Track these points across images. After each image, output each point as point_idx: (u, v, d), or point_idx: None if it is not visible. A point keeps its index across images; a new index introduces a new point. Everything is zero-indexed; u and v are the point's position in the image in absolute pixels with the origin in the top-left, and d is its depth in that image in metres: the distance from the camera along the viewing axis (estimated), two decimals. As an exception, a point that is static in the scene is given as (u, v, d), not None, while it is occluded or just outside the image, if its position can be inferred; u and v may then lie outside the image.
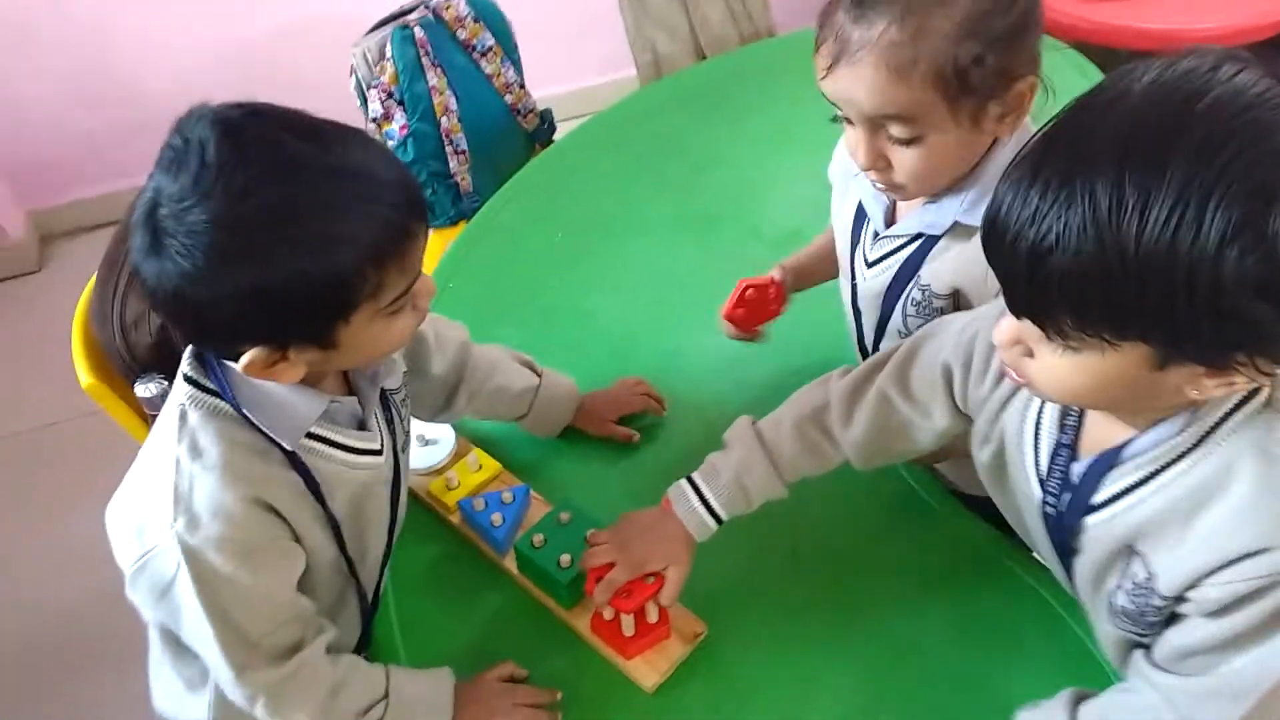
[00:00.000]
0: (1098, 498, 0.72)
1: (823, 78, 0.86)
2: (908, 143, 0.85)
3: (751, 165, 1.61)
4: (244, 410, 0.77)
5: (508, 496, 1.05)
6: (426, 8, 1.91)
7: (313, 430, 0.81)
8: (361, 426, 0.86)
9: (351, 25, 1.98)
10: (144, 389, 1.28)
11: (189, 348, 0.79)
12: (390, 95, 1.88)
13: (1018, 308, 0.64)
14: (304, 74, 2.66)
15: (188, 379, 0.79)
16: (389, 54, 1.86)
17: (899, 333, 1.00)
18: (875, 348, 1.07)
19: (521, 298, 1.41)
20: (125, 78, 2.60)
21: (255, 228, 0.67)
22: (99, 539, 0.83)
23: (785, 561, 1.02)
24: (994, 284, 0.68)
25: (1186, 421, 0.67)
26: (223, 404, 0.78)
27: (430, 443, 1.14)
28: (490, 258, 1.48)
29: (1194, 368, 0.60)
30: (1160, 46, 2.15)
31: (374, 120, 1.91)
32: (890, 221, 0.98)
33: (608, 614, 0.93)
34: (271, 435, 0.78)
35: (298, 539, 0.81)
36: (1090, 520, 0.73)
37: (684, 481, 0.94)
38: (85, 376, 1.29)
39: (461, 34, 1.94)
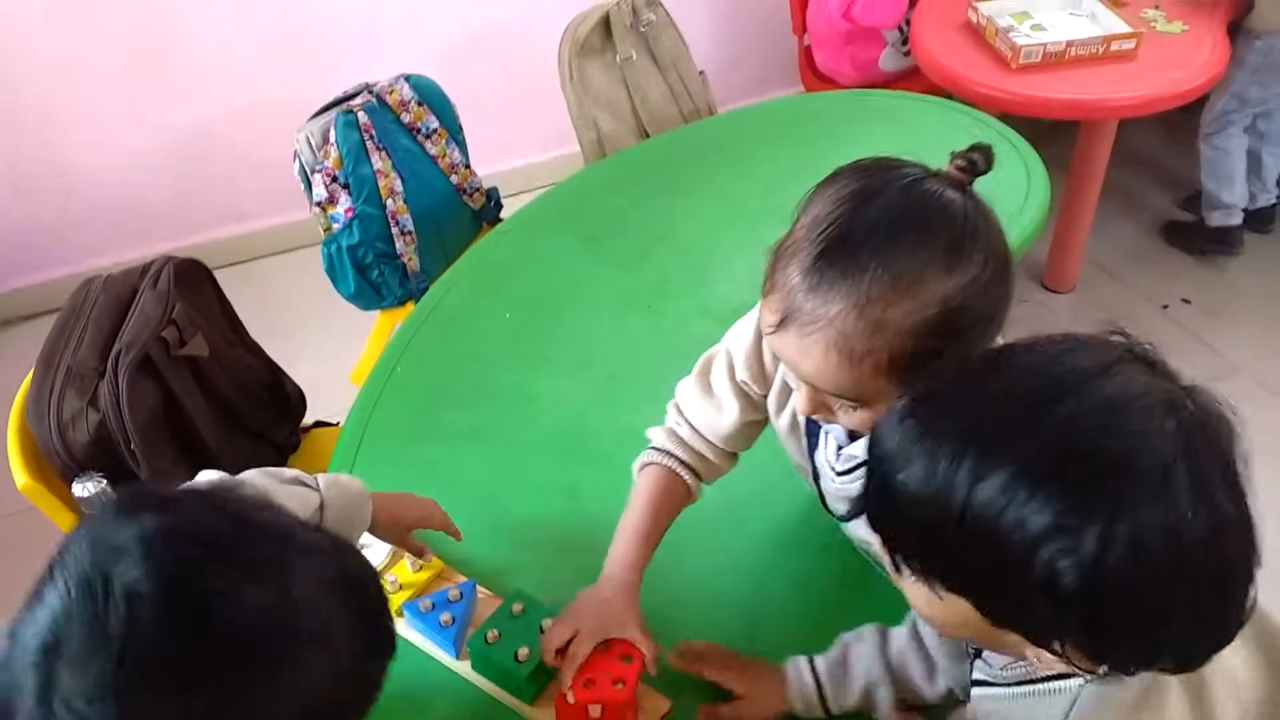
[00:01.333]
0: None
1: (768, 331, 0.78)
2: (853, 408, 0.79)
3: (697, 241, 1.64)
4: None
5: (454, 594, 1.01)
6: (370, 93, 1.93)
7: None
8: None
9: (297, 109, 1.99)
10: (82, 488, 1.24)
11: None
12: (335, 179, 1.88)
13: (871, 521, 0.66)
14: (250, 158, 2.68)
15: None
16: (333, 138, 1.86)
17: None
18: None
19: (470, 379, 1.40)
20: (65, 162, 2.58)
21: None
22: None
23: (742, 633, 1.02)
24: None
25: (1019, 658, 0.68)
26: None
27: (363, 546, 1.07)
28: (438, 339, 1.47)
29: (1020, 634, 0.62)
30: (1083, 115, 2.26)
31: (319, 204, 1.91)
32: (854, 434, 0.91)
33: (571, 698, 0.91)
34: None
35: None
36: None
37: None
38: (21, 476, 1.26)
39: (406, 117, 1.96)
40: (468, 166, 2.07)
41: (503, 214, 2.13)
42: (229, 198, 2.76)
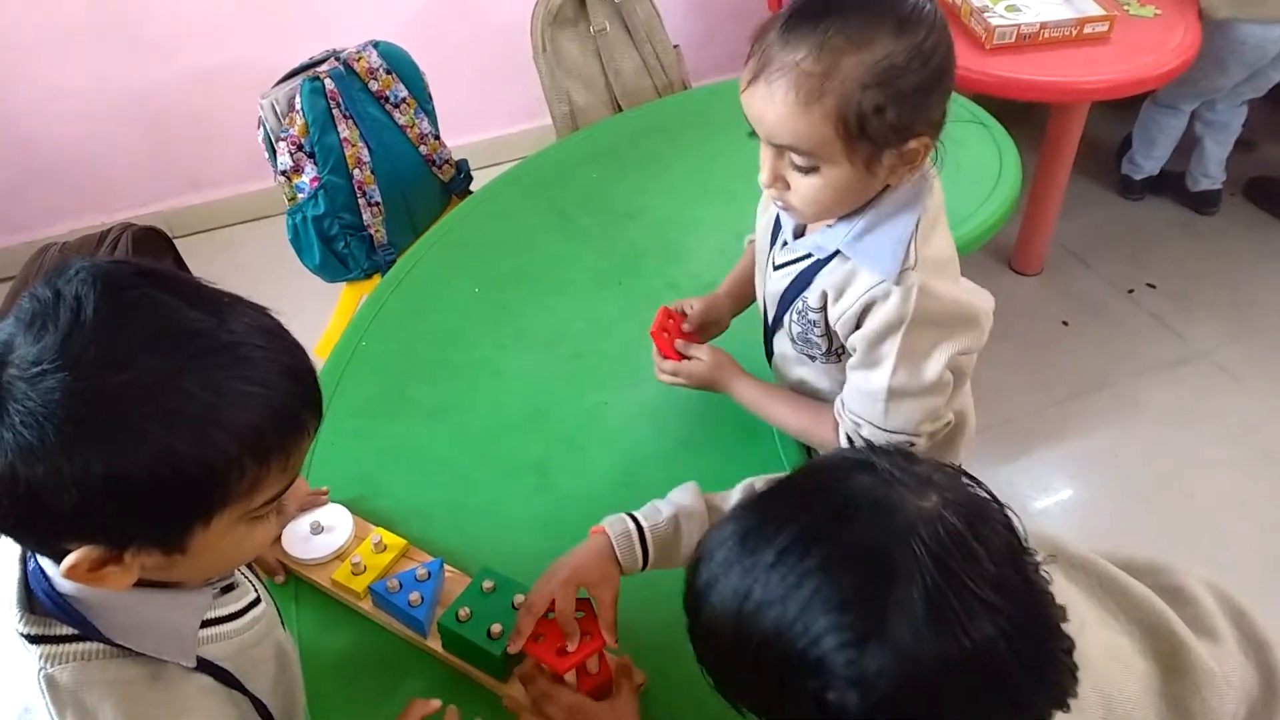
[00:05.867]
0: None
1: (743, 90, 0.91)
2: (805, 171, 0.91)
3: (668, 218, 1.62)
4: (120, 641, 0.65)
5: (422, 573, 0.99)
6: (337, 59, 1.89)
7: None
8: (227, 588, 0.76)
9: (261, 75, 1.94)
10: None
11: (15, 606, 0.65)
12: (300, 147, 1.84)
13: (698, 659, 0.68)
14: (213, 125, 2.62)
15: (34, 639, 0.64)
16: (298, 105, 1.82)
17: (788, 336, 1.08)
18: (770, 343, 1.14)
19: (437, 354, 1.38)
20: (19, 126, 2.50)
21: (124, 401, 0.56)
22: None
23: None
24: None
25: None
26: (91, 645, 0.64)
27: (326, 529, 1.06)
28: (405, 313, 1.45)
29: None
30: (1055, 97, 2.26)
31: (283, 173, 1.86)
32: (799, 234, 1.04)
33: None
34: (165, 659, 0.67)
35: None
36: None
37: (624, 514, 0.95)
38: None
39: (374, 85, 1.92)
40: (437, 137, 2.04)
41: (473, 187, 2.10)
42: (191, 165, 2.69)
